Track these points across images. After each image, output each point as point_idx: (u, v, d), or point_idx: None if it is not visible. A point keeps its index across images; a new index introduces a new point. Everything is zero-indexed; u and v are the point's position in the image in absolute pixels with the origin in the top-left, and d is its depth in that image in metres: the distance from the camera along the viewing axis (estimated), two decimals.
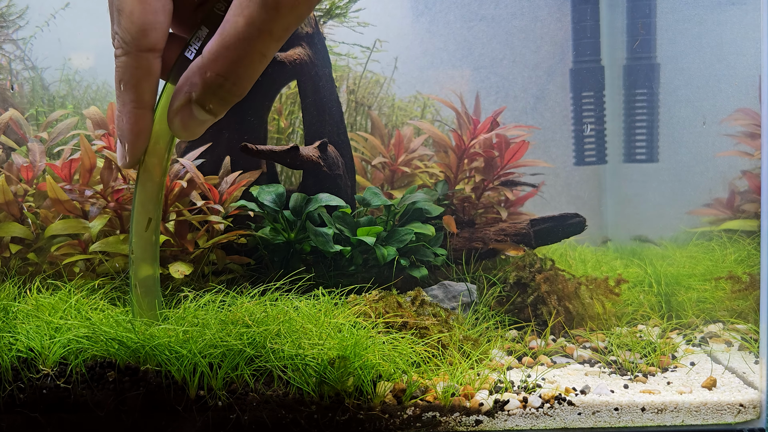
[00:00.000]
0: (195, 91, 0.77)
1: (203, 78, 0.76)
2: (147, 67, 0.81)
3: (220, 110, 0.80)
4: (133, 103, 0.83)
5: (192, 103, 0.78)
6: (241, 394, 1.05)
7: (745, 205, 1.80)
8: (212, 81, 0.76)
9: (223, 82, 0.76)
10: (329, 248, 1.38)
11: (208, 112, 0.79)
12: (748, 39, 1.69)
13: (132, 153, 0.87)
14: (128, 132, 0.85)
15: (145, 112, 0.84)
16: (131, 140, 0.86)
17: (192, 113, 0.79)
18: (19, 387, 1.04)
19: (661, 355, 1.33)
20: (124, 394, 1.04)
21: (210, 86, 0.76)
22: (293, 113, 1.83)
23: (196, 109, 0.79)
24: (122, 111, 0.84)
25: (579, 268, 1.75)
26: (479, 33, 1.91)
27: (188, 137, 0.83)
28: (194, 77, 0.77)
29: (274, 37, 0.73)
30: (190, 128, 0.81)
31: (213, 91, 0.76)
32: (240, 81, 0.76)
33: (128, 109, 0.83)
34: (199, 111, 0.79)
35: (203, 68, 0.76)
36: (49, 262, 1.35)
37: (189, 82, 0.78)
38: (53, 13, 1.68)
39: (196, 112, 0.79)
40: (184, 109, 0.79)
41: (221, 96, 0.77)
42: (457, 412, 1.08)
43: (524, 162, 1.70)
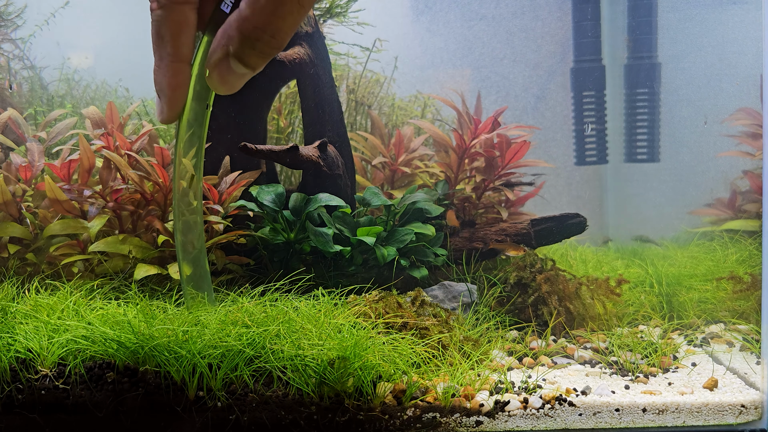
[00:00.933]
0: (233, 44, 0.76)
1: (240, 31, 0.75)
2: (183, 19, 0.80)
3: (259, 63, 0.78)
4: (171, 56, 0.81)
5: (230, 56, 0.77)
6: (240, 394, 1.05)
7: (747, 205, 1.79)
8: (250, 33, 0.74)
9: (261, 35, 0.74)
10: (329, 248, 1.38)
11: (247, 65, 0.78)
12: (750, 38, 1.69)
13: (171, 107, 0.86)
14: (167, 86, 0.84)
15: (183, 65, 0.83)
16: (170, 94, 0.84)
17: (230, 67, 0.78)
18: (18, 388, 1.03)
19: (663, 355, 1.33)
20: (123, 394, 1.03)
21: (248, 39, 0.75)
22: (293, 113, 1.83)
23: (234, 62, 0.77)
24: (160, 65, 0.83)
25: (580, 268, 1.75)
26: (480, 32, 1.90)
27: (227, 91, 0.81)
28: (231, 30, 0.76)
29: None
30: (229, 82, 0.80)
31: (251, 44, 0.75)
32: (278, 33, 0.74)
33: (166, 63, 0.82)
34: (237, 65, 0.78)
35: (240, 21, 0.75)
36: (47, 263, 1.35)
37: (226, 35, 0.77)
38: (53, 12, 1.67)
39: (234, 65, 0.78)
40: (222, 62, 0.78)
41: (260, 49, 0.76)
42: (457, 413, 1.08)
43: (525, 162, 1.70)
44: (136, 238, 1.34)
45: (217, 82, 0.80)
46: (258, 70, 0.79)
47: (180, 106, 0.87)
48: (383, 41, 1.84)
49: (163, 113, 0.87)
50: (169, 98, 0.85)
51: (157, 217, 1.35)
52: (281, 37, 0.75)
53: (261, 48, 0.76)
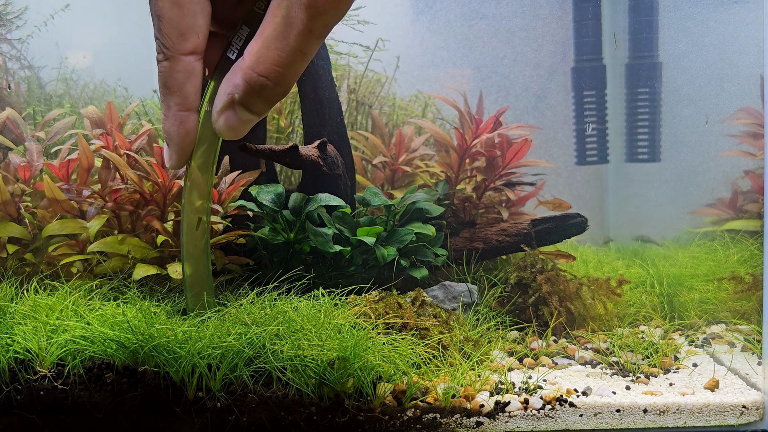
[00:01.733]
0: (237, 92, 0.78)
1: (245, 79, 0.77)
2: (189, 70, 0.82)
3: (264, 110, 0.80)
4: (178, 106, 0.84)
5: (235, 104, 0.79)
6: (239, 395, 1.04)
7: (748, 205, 1.79)
8: (255, 82, 0.76)
9: (266, 83, 0.76)
10: (329, 248, 1.37)
11: (252, 112, 0.80)
12: (751, 38, 1.68)
13: (179, 154, 0.88)
14: (175, 134, 0.86)
15: (190, 114, 0.85)
16: (178, 142, 0.87)
17: (236, 114, 0.80)
18: (17, 388, 1.03)
19: (664, 356, 1.33)
20: (122, 395, 1.03)
21: (253, 87, 0.77)
22: (293, 112, 1.82)
23: (240, 109, 0.79)
24: (167, 114, 0.85)
25: (580, 268, 1.75)
26: (480, 31, 1.90)
27: (233, 137, 0.84)
28: (236, 78, 0.78)
29: (315, 35, 0.73)
30: (235, 128, 0.82)
31: (257, 92, 0.77)
32: (282, 81, 0.76)
33: (173, 112, 0.84)
34: (243, 111, 0.80)
35: (245, 69, 0.76)
36: (46, 263, 1.34)
37: (231, 83, 0.79)
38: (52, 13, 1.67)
39: (240, 112, 0.80)
40: (227, 110, 0.80)
41: (265, 96, 0.77)
42: (457, 413, 1.07)
43: (526, 162, 1.69)
44: (135, 238, 1.34)
45: (224, 128, 0.82)
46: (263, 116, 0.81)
47: (188, 152, 0.89)
48: (384, 41, 1.84)
49: (172, 160, 0.89)
50: (178, 146, 0.87)
51: (156, 217, 1.35)
52: (286, 85, 0.77)
53: (266, 95, 0.77)
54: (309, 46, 0.74)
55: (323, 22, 0.72)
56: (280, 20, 0.72)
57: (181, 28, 0.79)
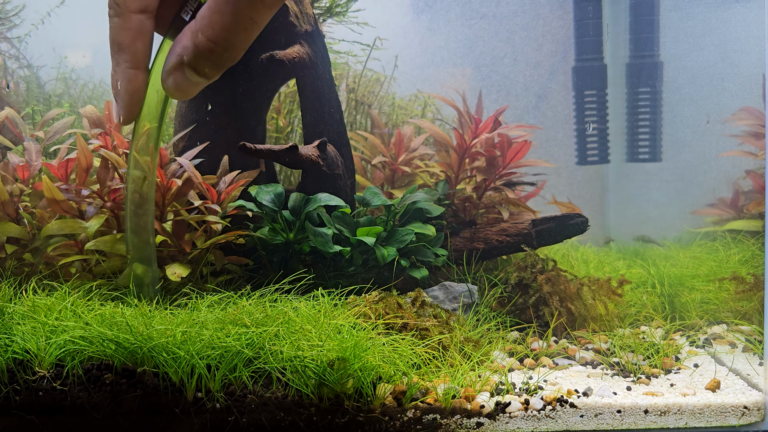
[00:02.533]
0: (187, 54, 0.78)
1: (195, 42, 0.76)
2: (139, 28, 0.82)
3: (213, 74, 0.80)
4: (127, 63, 0.84)
5: (184, 65, 0.79)
6: (239, 396, 1.04)
7: (749, 205, 1.79)
8: (203, 46, 0.76)
9: (214, 47, 0.76)
10: (328, 249, 1.37)
11: (201, 75, 0.80)
12: (753, 37, 1.68)
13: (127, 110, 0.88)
14: (123, 91, 0.86)
15: (139, 72, 0.85)
16: (126, 99, 0.87)
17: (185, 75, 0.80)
18: (15, 389, 1.03)
19: (665, 356, 1.32)
20: (121, 396, 1.03)
21: (201, 51, 0.76)
22: (292, 112, 1.82)
23: (188, 71, 0.79)
24: (116, 70, 0.85)
25: (581, 268, 1.74)
26: (480, 31, 1.89)
27: (181, 98, 0.84)
28: (186, 40, 0.77)
29: (266, 4, 0.73)
30: (183, 89, 0.82)
31: (204, 56, 0.77)
32: (231, 47, 0.76)
33: (122, 69, 0.84)
34: (191, 74, 0.79)
35: (195, 32, 0.76)
36: (45, 263, 1.34)
37: (181, 44, 0.78)
38: (49, 11, 1.66)
39: (189, 74, 0.80)
40: (176, 70, 0.80)
41: (213, 60, 0.77)
42: (458, 414, 1.07)
43: (526, 162, 1.69)
44: None
45: (172, 88, 0.82)
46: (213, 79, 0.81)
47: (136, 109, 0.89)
48: (383, 40, 1.83)
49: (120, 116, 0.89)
50: (126, 102, 0.87)
51: (155, 216, 1.34)
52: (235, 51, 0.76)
53: (214, 60, 0.77)
54: (259, 15, 0.73)
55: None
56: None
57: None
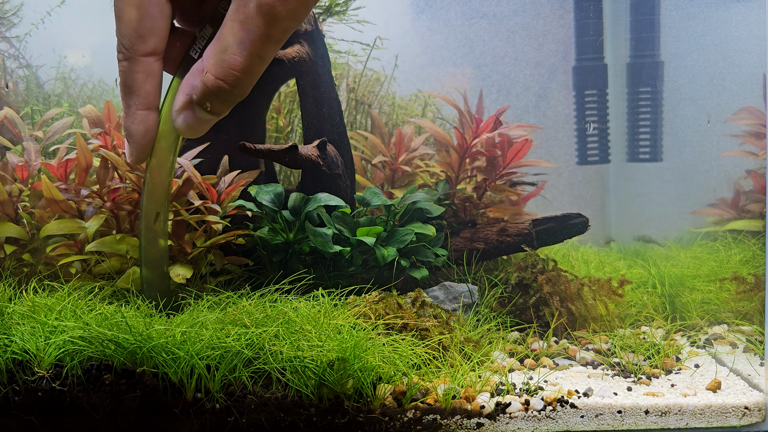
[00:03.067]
0: (195, 93, 0.80)
1: (203, 81, 0.79)
2: (148, 70, 0.84)
3: (222, 110, 0.82)
4: (138, 105, 0.86)
5: (194, 104, 0.81)
6: (239, 396, 1.04)
7: (750, 205, 1.78)
8: (212, 84, 0.78)
9: (223, 86, 0.78)
10: (328, 249, 1.37)
11: (210, 112, 0.82)
12: (753, 36, 1.68)
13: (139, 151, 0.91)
14: (135, 132, 0.88)
15: (150, 113, 0.88)
16: (138, 140, 0.89)
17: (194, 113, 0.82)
18: (14, 389, 1.02)
19: (665, 357, 1.32)
20: (121, 396, 1.02)
21: (210, 90, 0.79)
22: (292, 112, 1.82)
23: (198, 110, 0.82)
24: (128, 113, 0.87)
25: (582, 268, 1.74)
26: (480, 30, 1.89)
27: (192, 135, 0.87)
28: (195, 80, 0.80)
29: (272, 41, 0.75)
30: (193, 127, 0.84)
31: (213, 94, 0.79)
32: (239, 84, 0.78)
33: (133, 111, 0.87)
34: (201, 112, 0.82)
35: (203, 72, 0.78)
36: (44, 263, 1.34)
37: (190, 84, 0.81)
38: (49, 10, 1.66)
39: (198, 112, 0.82)
40: (186, 109, 0.82)
41: (222, 98, 0.79)
42: (458, 414, 1.07)
43: (527, 161, 1.69)
44: (134, 238, 1.33)
45: (183, 127, 0.84)
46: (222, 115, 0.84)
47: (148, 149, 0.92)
48: (383, 39, 1.83)
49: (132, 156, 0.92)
50: (138, 143, 0.90)
51: None
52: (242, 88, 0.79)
53: (224, 97, 0.79)
54: (266, 51, 0.75)
55: (281, 28, 0.73)
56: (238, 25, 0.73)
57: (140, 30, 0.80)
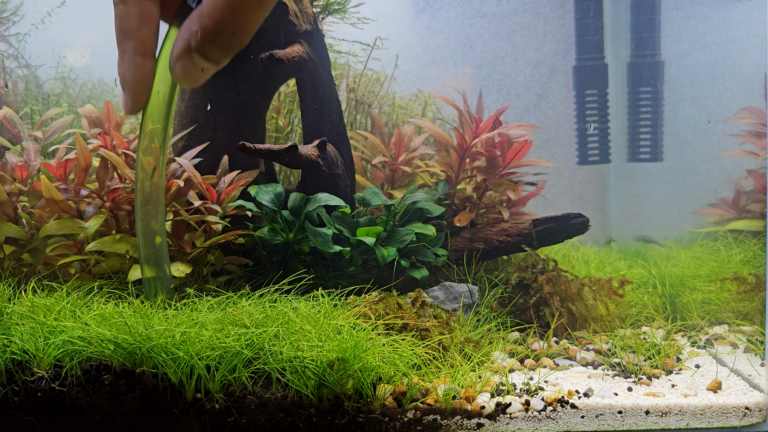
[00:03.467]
0: (194, 39, 0.77)
1: (202, 26, 0.76)
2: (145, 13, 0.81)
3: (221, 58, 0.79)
4: (133, 50, 0.83)
5: (192, 50, 0.78)
6: (238, 396, 1.04)
7: (751, 205, 1.78)
8: (210, 29, 0.75)
9: (222, 30, 0.75)
10: (328, 249, 1.36)
11: (209, 60, 0.79)
12: (754, 36, 1.67)
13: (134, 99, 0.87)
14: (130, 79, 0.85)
15: (146, 59, 0.84)
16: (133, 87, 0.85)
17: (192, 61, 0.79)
18: (14, 390, 1.02)
19: (666, 357, 1.32)
20: (120, 397, 1.02)
21: (208, 35, 0.76)
22: (292, 112, 1.81)
23: (196, 57, 0.78)
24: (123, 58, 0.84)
25: (582, 268, 1.74)
26: (481, 30, 1.89)
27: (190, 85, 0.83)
28: (193, 25, 0.77)
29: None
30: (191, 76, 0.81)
31: (212, 40, 0.76)
32: (239, 30, 0.75)
33: (129, 56, 0.83)
34: (200, 59, 0.79)
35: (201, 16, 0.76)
36: (43, 263, 1.33)
37: (188, 29, 0.78)
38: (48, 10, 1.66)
39: (197, 59, 0.79)
40: (184, 56, 0.79)
41: (221, 44, 0.77)
42: (458, 415, 1.07)
43: (527, 161, 1.68)
44: (134, 237, 1.33)
45: (180, 75, 0.81)
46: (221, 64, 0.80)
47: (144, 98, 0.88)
48: (383, 39, 1.83)
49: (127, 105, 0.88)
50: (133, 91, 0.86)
51: None
52: (242, 34, 0.76)
53: (222, 44, 0.76)
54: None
55: None
56: None
57: None
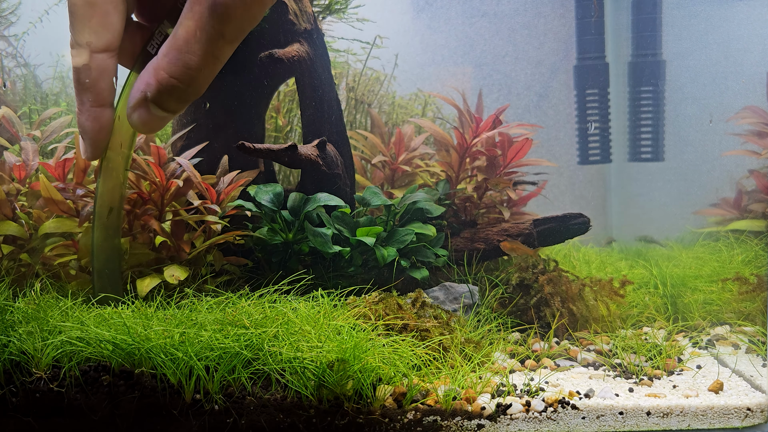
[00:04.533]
0: (150, 90, 0.79)
1: (157, 79, 0.78)
2: (102, 67, 0.83)
3: (177, 108, 0.82)
4: (91, 102, 0.86)
5: (148, 101, 0.80)
6: (238, 397, 1.03)
7: (753, 205, 1.78)
8: (166, 82, 0.77)
9: (176, 84, 0.77)
10: (328, 249, 1.36)
11: (165, 110, 0.81)
12: (756, 35, 1.67)
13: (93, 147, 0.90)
14: (90, 129, 0.88)
15: (104, 109, 0.87)
16: (92, 136, 0.89)
17: (149, 110, 0.81)
18: (12, 391, 1.02)
19: (667, 358, 1.31)
20: (119, 398, 1.02)
21: (164, 87, 0.78)
22: (291, 111, 1.81)
23: (153, 107, 0.81)
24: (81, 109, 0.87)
25: (583, 269, 1.73)
26: (481, 29, 1.89)
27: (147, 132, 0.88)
28: (149, 77, 0.79)
29: (227, 40, 0.74)
30: (148, 124, 0.83)
31: (168, 92, 0.78)
32: (193, 83, 0.77)
33: (87, 108, 0.86)
34: (156, 109, 0.81)
35: (157, 69, 0.77)
36: (42, 263, 1.33)
37: (144, 81, 0.80)
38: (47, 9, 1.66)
39: (153, 109, 0.81)
40: (141, 106, 0.81)
41: (176, 96, 0.79)
42: (458, 416, 1.06)
43: (527, 161, 1.68)
44: (130, 238, 1.33)
45: (138, 124, 0.83)
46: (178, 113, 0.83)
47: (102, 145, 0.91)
48: (383, 38, 1.83)
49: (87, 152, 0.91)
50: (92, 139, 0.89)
51: (153, 216, 1.33)
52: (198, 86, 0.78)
53: (178, 95, 0.78)
54: (221, 51, 0.74)
55: (235, 27, 0.72)
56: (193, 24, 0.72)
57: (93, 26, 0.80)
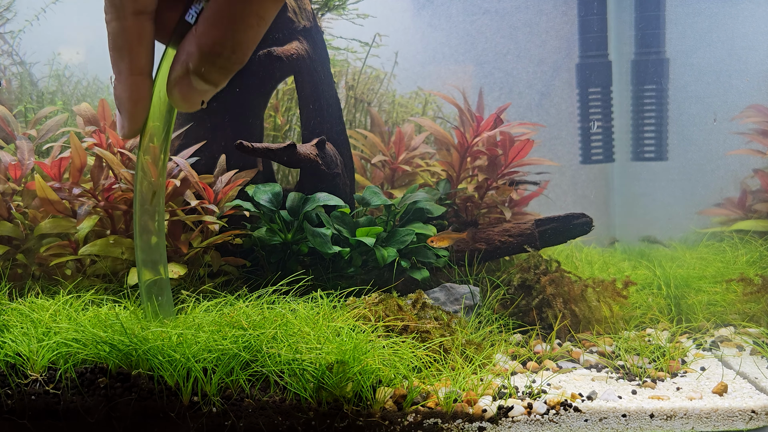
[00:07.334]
0: (192, 60, 0.73)
1: (200, 47, 0.72)
2: (138, 31, 0.77)
3: (221, 79, 0.75)
4: (129, 70, 0.79)
5: (190, 73, 0.74)
6: (236, 399, 1.02)
7: (757, 205, 1.76)
8: (209, 49, 0.72)
9: (221, 50, 0.71)
10: (327, 249, 1.35)
11: (208, 82, 0.75)
12: (760, 33, 1.66)
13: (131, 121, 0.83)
14: (126, 100, 0.81)
15: (142, 79, 0.80)
16: (130, 109, 0.82)
17: (191, 84, 0.75)
18: (7, 393, 1.01)
19: (671, 359, 1.30)
20: (116, 400, 1.01)
21: (207, 55, 0.72)
22: (290, 110, 1.80)
23: (195, 79, 0.74)
24: (119, 79, 0.80)
25: (585, 269, 1.72)
26: (482, 27, 1.87)
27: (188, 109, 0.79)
28: (191, 46, 0.73)
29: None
30: (190, 99, 0.77)
31: (211, 60, 0.72)
32: (239, 48, 0.71)
33: (124, 77, 0.79)
34: (198, 81, 0.75)
35: (199, 36, 0.72)
36: (37, 263, 1.32)
37: (186, 50, 0.74)
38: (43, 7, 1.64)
39: (195, 82, 0.75)
40: (182, 79, 0.75)
41: (220, 65, 0.73)
42: (459, 418, 1.05)
43: (529, 160, 1.67)
44: (129, 239, 1.31)
45: (179, 99, 0.77)
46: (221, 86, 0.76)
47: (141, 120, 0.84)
48: (383, 36, 1.81)
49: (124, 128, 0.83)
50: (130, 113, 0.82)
51: None
52: (242, 52, 0.72)
53: (222, 64, 0.73)
54: (265, 9, 0.69)
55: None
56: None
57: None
